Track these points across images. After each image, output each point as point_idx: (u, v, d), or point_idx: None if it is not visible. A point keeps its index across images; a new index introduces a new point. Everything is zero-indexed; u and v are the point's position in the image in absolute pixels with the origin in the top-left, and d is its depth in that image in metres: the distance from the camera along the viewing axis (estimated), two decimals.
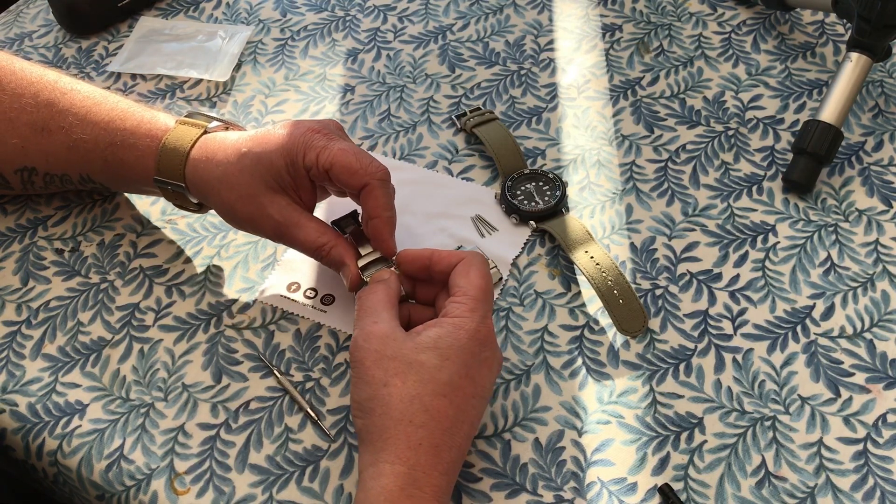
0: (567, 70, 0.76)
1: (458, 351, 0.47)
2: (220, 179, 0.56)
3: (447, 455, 0.46)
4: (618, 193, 0.66)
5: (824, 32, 0.78)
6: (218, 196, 0.56)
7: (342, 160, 0.53)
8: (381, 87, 0.76)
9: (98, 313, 0.61)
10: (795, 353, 0.56)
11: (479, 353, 0.48)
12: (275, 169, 0.55)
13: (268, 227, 0.56)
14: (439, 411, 0.46)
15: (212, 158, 0.57)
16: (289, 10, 0.83)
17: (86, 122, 0.60)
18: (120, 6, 0.82)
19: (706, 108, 0.72)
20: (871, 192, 0.65)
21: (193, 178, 0.57)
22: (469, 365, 0.47)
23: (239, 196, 0.55)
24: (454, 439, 0.46)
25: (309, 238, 0.55)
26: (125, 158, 0.59)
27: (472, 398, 0.47)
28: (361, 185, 0.54)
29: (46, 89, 0.61)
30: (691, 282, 0.60)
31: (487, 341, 0.49)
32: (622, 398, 0.55)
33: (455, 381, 0.47)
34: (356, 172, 0.53)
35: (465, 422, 0.47)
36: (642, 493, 0.50)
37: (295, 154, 0.54)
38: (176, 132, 0.58)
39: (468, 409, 0.47)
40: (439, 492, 0.45)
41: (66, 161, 0.61)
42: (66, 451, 0.54)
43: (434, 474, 0.45)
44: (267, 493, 0.51)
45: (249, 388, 0.56)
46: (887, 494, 0.50)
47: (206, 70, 0.77)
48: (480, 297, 0.50)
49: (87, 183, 0.63)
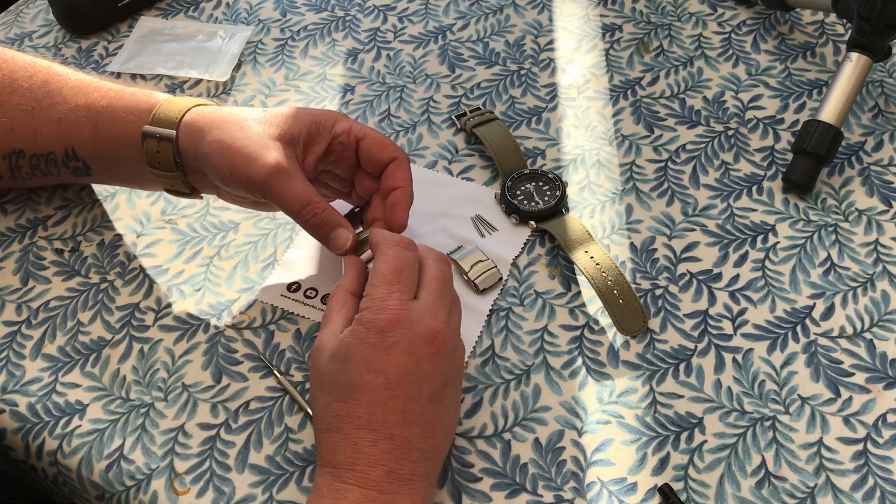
0: (567, 70, 0.76)
1: (357, 349, 0.47)
2: (228, 122, 0.55)
3: (373, 448, 0.45)
4: (618, 193, 0.66)
5: (824, 32, 0.78)
6: (218, 133, 0.54)
7: (374, 134, 0.57)
8: (381, 87, 0.76)
9: (98, 313, 0.61)
10: (795, 353, 0.56)
11: (383, 342, 0.47)
12: (297, 122, 0.55)
13: (261, 170, 0.53)
14: (350, 413, 0.46)
15: (220, 110, 0.57)
16: (289, 10, 0.83)
17: (80, 93, 0.60)
18: (120, 6, 0.82)
19: (706, 108, 0.72)
20: (871, 192, 0.65)
21: (192, 122, 0.55)
22: (371, 359, 0.47)
23: (244, 133, 0.54)
24: (379, 432, 0.46)
25: (303, 191, 0.53)
26: (118, 115, 0.58)
27: (386, 389, 0.46)
28: (390, 159, 0.57)
29: (40, 72, 0.61)
30: (691, 282, 0.60)
31: (392, 324, 0.47)
32: (622, 398, 0.55)
33: (356, 380, 0.46)
34: (387, 146, 0.57)
35: (392, 411, 0.46)
36: (642, 493, 0.50)
37: (324, 120, 0.57)
38: (179, 97, 0.59)
39: (388, 400, 0.46)
40: (370, 481, 0.45)
41: (53, 135, 0.60)
42: (66, 451, 0.54)
43: (361, 466, 0.45)
44: (267, 493, 0.52)
45: (249, 388, 0.56)
46: (887, 494, 0.50)
47: (206, 70, 0.77)
48: (378, 283, 0.49)
49: (71, 161, 0.61)
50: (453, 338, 0.49)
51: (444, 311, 0.49)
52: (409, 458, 0.46)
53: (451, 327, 0.49)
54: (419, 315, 0.48)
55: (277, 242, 0.64)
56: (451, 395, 0.49)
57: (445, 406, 0.48)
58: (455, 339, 0.50)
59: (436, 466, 0.48)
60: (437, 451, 0.48)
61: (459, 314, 0.52)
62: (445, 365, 0.48)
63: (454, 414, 0.50)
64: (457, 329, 0.51)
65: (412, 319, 0.47)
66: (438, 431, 0.48)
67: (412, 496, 0.46)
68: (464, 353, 0.51)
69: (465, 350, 0.52)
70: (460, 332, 0.52)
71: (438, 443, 0.48)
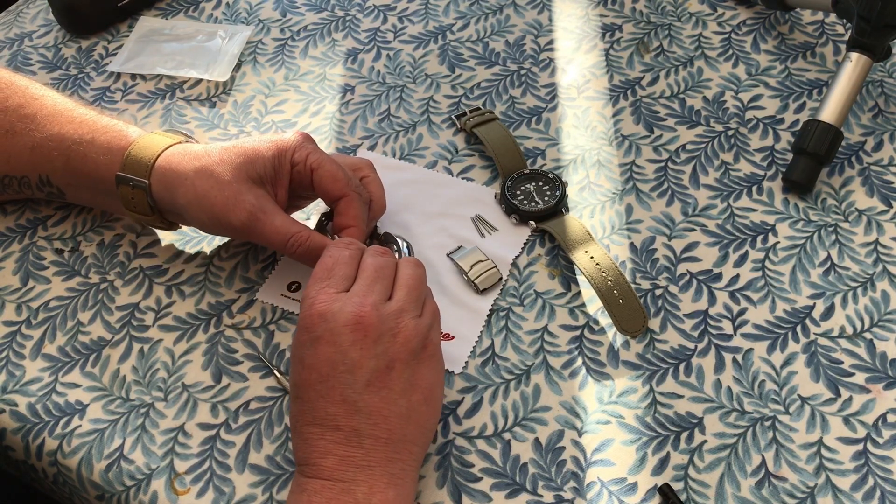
0: (567, 70, 0.76)
1: (295, 350, 0.49)
2: (197, 170, 0.56)
3: (322, 440, 0.47)
4: (618, 193, 0.66)
5: (824, 32, 0.78)
6: (191, 186, 0.56)
7: (328, 166, 0.57)
8: (381, 87, 0.76)
9: (98, 313, 0.61)
10: (795, 353, 0.56)
11: (310, 338, 0.48)
12: (261, 160, 0.56)
13: (240, 215, 0.55)
14: (300, 412, 0.48)
15: (188, 153, 0.57)
16: (289, 10, 0.83)
17: (53, 122, 0.60)
18: (120, 6, 0.82)
19: (706, 108, 0.72)
20: (871, 192, 0.65)
21: (164, 172, 0.56)
22: (303, 357, 0.48)
23: (216, 183, 0.55)
24: (325, 425, 0.47)
25: (284, 225, 0.55)
26: (90, 153, 0.59)
27: (319, 383, 0.47)
28: (341, 195, 0.57)
29: (17, 94, 0.62)
30: (691, 282, 0.60)
31: (315, 319, 0.48)
32: (622, 398, 0.55)
33: (297, 380, 0.48)
34: (339, 181, 0.57)
35: (332, 403, 0.47)
36: (642, 493, 0.50)
37: (285, 149, 0.57)
38: (150, 137, 0.59)
39: (325, 393, 0.47)
40: (324, 471, 0.46)
41: (27, 162, 0.61)
42: (66, 451, 0.54)
43: (314, 459, 0.47)
44: (267, 493, 0.52)
45: (249, 388, 0.56)
46: (887, 494, 0.50)
47: (206, 70, 0.77)
48: (310, 283, 0.50)
49: (45, 187, 0.62)
50: (390, 321, 0.48)
51: (375, 296, 0.49)
52: (362, 446, 0.47)
53: (384, 311, 0.48)
54: (342, 305, 0.48)
55: None
56: (402, 380, 0.48)
57: (396, 391, 0.48)
58: (395, 322, 0.48)
59: (402, 452, 0.48)
60: (396, 437, 0.47)
61: (434, 312, 0.52)
62: (380, 349, 0.47)
63: (417, 398, 0.48)
64: (402, 311, 0.49)
65: (334, 311, 0.48)
66: (391, 416, 0.47)
67: (370, 481, 0.46)
68: (426, 337, 0.49)
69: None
70: (435, 320, 0.51)
71: (396, 428, 0.47)
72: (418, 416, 0.48)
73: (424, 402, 0.49)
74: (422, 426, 0.49)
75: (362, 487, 0.46)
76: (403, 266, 0.52)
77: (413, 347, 0.48)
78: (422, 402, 0.49)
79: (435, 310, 0.52)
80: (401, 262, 0.52)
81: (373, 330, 0.47)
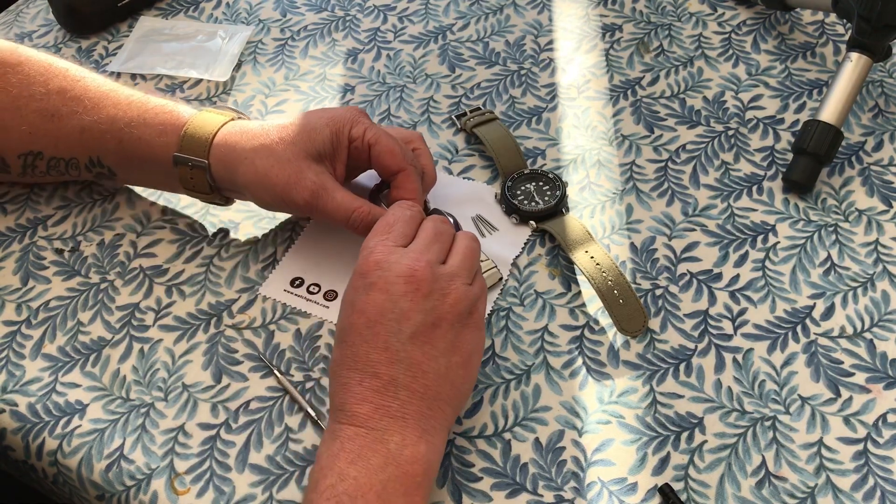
0: (567, 70, 0.76)
1: (347, 295, 0.50)
2: (256, 149, 0.57)
3: (360, 387, 0.47)
4: (618, 193, 0.66)
5: (824, 32, 0.78)
6: (251, 165, 0.56)
7: (386, 141, 0.58)
8: (381, 87, 0.76)
9: (98, 313, 0.61)
10: (795, 353, 0.56)
11: (363, 283, 0.49)
12: (319, 137, 0.57)
13: (303, 192, 0.56)
14: (342, 356, 0.49)
15: (245, 132, 0.58)
16: (289, 10, 0.83)
17: (102, 105, 0.60)
18: (120, 6, 0.82)
19: (706, 108, 0.72)
20: (871, 192, 0.65)
21: (223, 151, 0.57)
22: (354, 301, 0.49)
23: (276, 161, 0.56)
24: (365, 371, 0.47)
25: (345, 201, 0.56)
26: (144, 135, 0.59)
27: (366, 327, 0.48)
28: (399, 169, 0.58)
29: (57, 77, 0.62)
30: (691, 282, 0.60)
31: (372, 266, 0.49)
32: (622, 398, 0.55)
33: (345, 323, 0.49)
34: (396, 155, 0.58)
35: (375, 349, 0.47)
36: (642, 493, 0.50)
37: (342, 124, 0.58)
38: (203, 115, 0.60)
39: (370, 337, 0.48)
40: (359, 418, 0.47)
41: (77, 143, 0.61)
42: (66, 451, 0.54)
43: (350, 405, 0.47)
44: (267, 493, 0.52)
45: (249, 388, 0.56)
46: (887, 494, 0.50)
47: (206, 70, 0.77)
48: (371, 235, 0.51)
49: (94, 167, 0.62)
50: (443, 281, 0.49)
51: (432, 255, 0.50)
52: (398, 397, 0.47)
53: (437, 271, 0.49)
54: (399, 257, 0.49)
55: (277, 242, 0.64)
56: (445, 339, 0.48)
57: (438, 349, 0.48)
58: (447, 283, 0.49)
59: (435, 410, 0.48)
60: (432, 394, 0.48)
61: (484, 287, 0.53)
62: (429, 305, 0.48)
63: (456, 359, 0.49)
64: (455, 275, 0.50)
65: (391, 261, 0.49)
66: (430, 373, 0.48)
67: (403, 433, 0.46)
68: (474, 305, 0.50)
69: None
70: (483, 293, 0.52)
71: (432, 385, 0.48)
72: (455, 378, 0.49)
73: (463, 365, 0.49)
74: (457, 388, 0.49)
75: (395, 438, 0.46)
76: (461, 236, 0.54)
77: (461, 310, 0.49)
78: (461, 364, 0.49)
79: (484, 285, 0.53)
80: (459, 233, 0.54)
81: (425, 285, 0.48)
